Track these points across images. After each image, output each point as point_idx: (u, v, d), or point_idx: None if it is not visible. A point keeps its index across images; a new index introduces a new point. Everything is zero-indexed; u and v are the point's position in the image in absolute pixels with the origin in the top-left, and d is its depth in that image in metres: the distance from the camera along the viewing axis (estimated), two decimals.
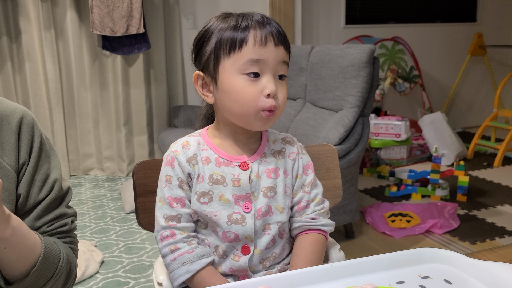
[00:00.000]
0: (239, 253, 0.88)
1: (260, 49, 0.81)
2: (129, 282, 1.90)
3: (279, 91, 0.84)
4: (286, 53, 0.84)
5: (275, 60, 0.82)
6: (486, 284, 0.66)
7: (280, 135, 0.96)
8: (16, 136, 0.79)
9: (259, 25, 0.82)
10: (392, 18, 4.36)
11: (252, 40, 0.81)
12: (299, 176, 0.92)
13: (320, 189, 0.95)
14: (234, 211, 0.87)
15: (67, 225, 0.83)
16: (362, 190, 2.99)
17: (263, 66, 0.82)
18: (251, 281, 0.66)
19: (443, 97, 4.66)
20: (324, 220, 0.92)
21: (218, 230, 0.87)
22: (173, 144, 0.91)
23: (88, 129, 3.38)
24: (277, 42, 0.82)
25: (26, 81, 3.15)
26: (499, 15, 4.75)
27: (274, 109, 0.83)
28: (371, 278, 0.69)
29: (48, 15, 3.08)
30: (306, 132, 2.35)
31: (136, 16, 3.08)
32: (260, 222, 0.88)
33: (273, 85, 0.82)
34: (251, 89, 0.82)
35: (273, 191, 0.89)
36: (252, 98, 0.82)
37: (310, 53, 2.54)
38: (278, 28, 0.83)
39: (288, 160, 0.92)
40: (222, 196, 0.87)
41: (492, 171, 3.34)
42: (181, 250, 0.84)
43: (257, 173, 0.89)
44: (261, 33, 0.81)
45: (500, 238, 2.27)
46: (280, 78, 0.85)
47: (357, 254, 2.13)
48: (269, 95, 0.82)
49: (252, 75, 0.82)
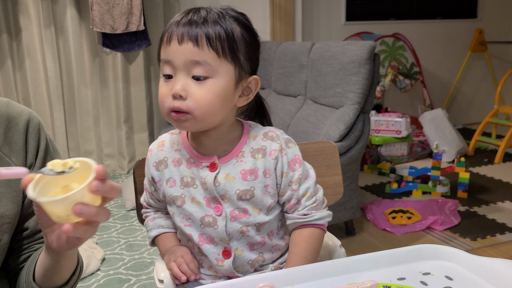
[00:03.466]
0: (221, 257, 0.87)
1: (166, 48, 0.79)
2: (130, 279, 1.90)
3: (191, 93, 0.77)
4: (198, 51, 0.76)
5: (179, 60, 0.77)
6: (487, 280, 0.67)
7: (262, 130, 0.89)
8: (24, 137, 0.80)
9: (177, 23, 0.78)
10: (392, 15, 4.35)
11: (165, 39, 0.80)
12: (284, 174, 0.86)
13: (311, 181, 0.88)
14: (206, 213, 0.85)
15: None
16: (363, 187, 2.99)
17: (174, 66, 0.78)
18: (252, 278, 0.66)
19: (443, 94, 4.65)
20: (317, 214, 0.87)
21: (193, 234, 0.87)
22: (155, 141, 0.94)
23: (88, 127, 3.38)
24: (182, 40, 0.77)
25: (26, 79, 3.15)
26: (500, 11, 4.73)
27: (182, 110, 0.78)
28: (372, 274, 0.69)
29: (48, 12, 3.07)
30: (306, 129, 2.35)
31: (136, 13, 3.07)
32: (235, 224, 0.85)
33: (180, 85, 0.77)
34: (163, 90, 0.80)
35: (248, 193, 0.84)
36: (161, 99, 0.80)
37: (311, 50, 2.54)
38: (198, 28, 0.77)
39: (269, 159, 0.85)
40: (193, 198, 0.86)
41: (493, 168, 3.34)
42: (148, 218, 0.98)
43: (228, 174, 0.84)
44: (171, 31, 0.78)
45: (500, 235, 2.27)
46: (198, 79, 0.78)
47: (357, 250, 2.14)
48: (174, 96, 0.78)
49: (166, 76, 0.80)
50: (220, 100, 0.79)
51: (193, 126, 0.81)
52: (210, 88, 0.78)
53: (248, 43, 0.82)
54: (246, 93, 0.85)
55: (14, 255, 0.79)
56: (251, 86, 0.85)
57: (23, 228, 0.79)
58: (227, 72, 0.79)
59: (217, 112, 0.80)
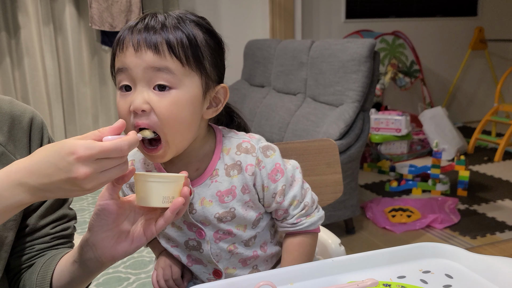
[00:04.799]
0: (212, 277, 0.84)
1: (121, 56, 0.70)
2: (130, 278, 1.90)
3: (155, 106, 0.68)
4: (159, 58, 0.68)
5: (138, 68, 0.68)
6: (486, 278, 0.66)
7: (236, 141, 0.79)
8: (27, 135, 0.80)
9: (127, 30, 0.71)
10: (392, 12, 4.34)
11: (118, 47, 0.71)
12: (266, 188, 0.79)
13: (297, 186, 0.81)
14: (189, 237, 0.81)
15: (69, 229, 0.84)
16: (363, 185, 2.99)
17: (131, 76, 0.69)
18: (252, 277, 0.66)
19: (443, 92, 4.65)
20: (308, 221, 0.82)
21: (180, 255, 0.85)
22: None
23: (87, 125, 3.37)
24: (138, 47, 0.68)
25: (25, 77, 3.14)
26: (500, 9, 4.73)
27: (149, 127, 0.68)
28: (372, 273, 0.68)
29: (46, 10, 3.06)
30: (306, 127, 2.34)
31: (135, 11, 3.07)
32: (221, 244, 0.81)
33: (140, 99, 0.67)
34: (121, 106, 0.70)
35: (229, 215, 0.78)
36: (123, 116, 0.69)
37: (310, 47, 2.53)
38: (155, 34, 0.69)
39: (246, 175, 0.77)
40: (173, 223, 0.82)
41: (493, 166, 3.34)
42: None
43: (204, 198, 0.78)
44: (123, 38, 0.70)
45: (500, 233, 2.27)
46: (162, 89, 0.68)
47: (357, 249, 2.14)
48: (135, 112, 0.68)
49: (124, 88, 0.70)
50: (188, 114, 0.70)
51: (166, 154, 0.71)
52: (175, 100, 0.69)
53: (212, 49, 0.74)
54: (214, 104, 0.77)
55: (16, 255, 0.79)
56: (219, 96, 0.77)
57: (24, 225, 0.78)
58: (193, 82, 0.71)
59: (186, 127, 0.71)
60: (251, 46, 3.15)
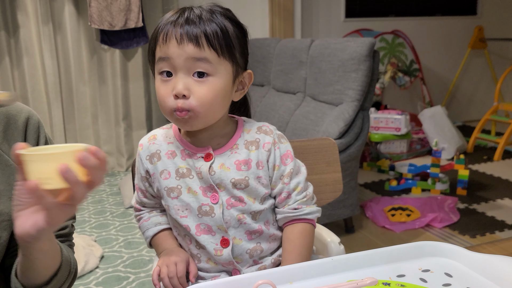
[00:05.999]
0: (219, 247, 0.87)
1: (164, 47, 0.80)
2: (129, 277, 1.90)
3: (194, 91, 0.79)
4: (199, 50, 0.78)
5: (180, 58, 0.78)
6: (486, 277, 0.66)
7: (256, 124, 0.92)
8: (23, 135, 0.79)
9: (169, 23, 0.80)
10: (392, 11, 4.34)
11: (161, 38, 0.80)
12: (276, 167, 0.88)
13: (302, 176, 0.91)
14: (203, 202, 0.86)
15: (67, 228, 0.84)
16: (362, 184, 2.99)
17: (173, 64, 0.79)
18: (251, 275, 0.66)
19: (443, 91, 4.65)
20: (307, 209, 0.89)
21: (190, 225, 0.87)
22: (144, 136, 0.95)
23: (87, 124, 3.37)
24: (181, 40, 0.78)
25: (24, 76, 3.14)
26: (499, 8, 4.72)
27: (185, 109, 0.79)
28: (372, 271, 0.68)
29: (46, 9, 3.06)
30: (306, 126, 2.34)
31: (135, 10, 3.06)
32: (232, 212, 0.86)
33: (182, 84, 0.78)
34: (163, 90, 0.81)
35: (243, 183, 0.86)
36: (163, 99, 0.81)
37: (310, 46, 2.53)
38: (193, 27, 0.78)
39: (262, 151, 0.88)
40: (190, 188, 0.87)
41: (492, 165, 3.34)
42: (143, 219, 0.97)
43: (223, 164, 0.86)
44: (166, 31, 0.79)
45: (500, 232, 2.27)
46: (201, 76, 0.80)
47: (357, 248, 2.14)
48: (176, 96, 0.79)
49: (165, 74, 0.81)
50: (221, 98, 0.82)
51: (196, 124, 0.82)
52: (211, 86, 0.80)
53: (240, 39, 0.84)
54: (241, 87, 0.89)
55: (11, 254, 0.79)
56: (245, 80, 0.88)
57: None
58: (226, 70, 0.82)
59: (218, 109, 0.83)
60: (251, 45, 3.10)
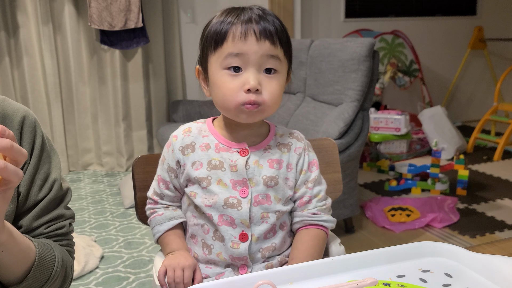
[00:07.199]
0: (237, 240, 0.87)
1: (240, 43, 0.81)
2: (129, 277, 1.90)
3: (264, 86, 0.83)
4: (273, 47, 0.83)
5: (256, 54, 0.81)
6: (486, 277, 0.66)
7: (288, 130, 0.97)
8: (18, 135, 0.79)
9: (244, 21, 0.82)
10: (392, 12, 4.34)
11: (232, 35, 0.82)
12: (303, 172, 0.92)
13: (323, 186, 0.95)
14: (231, 195, 0.87)
15: (64, 228, 0.83)
16: (362, 185, 2.99)
17: (245, 60, 0.82)
18: (252, 275, 0.66)
19: (443, 91, 4.65)
20: (325, 216, 0.93)
21: (213, 214, 0.88)
22: (178, 128, 0.95)
23: (87, 124, 3.37)
24: (260, 37, 0.81)
25: (24, 76, 3.14)
26: (499, 9, 4.73)
27: (257, 103, 0.83)
28: (372, 272, 0.68)
29: (46, 9, 3.06)
30: (306, 126, 2.34)
31: (134, 10, 3.06)
32: (257, 209, 0.88)
33: (255, 80, 0.82)
34: (231, 84, 0.83)
35: (274, 181, 0.89)
36: (231, 93, 0.83)
37: (310, 47, 2.53)
38: (267, 24, 0.82)
39: (293, 154, 0.92)
40: (220, 180, 0.88)
41: (492, 165, 3.34)
42: (156, 213, 0.96)
43: (257, 161, 0.89)
44: (244, 28, 0.82)
45: (499, 232, 2.27)
46: (269, 73, 0.84)
47: (357, 248, 2.14)
48: (249, 90, 0.82)
49: (233, 69, 0.83)
50: (282, 91, 0.88)
51: (260, 117, 0.87)
52: (278, 82, 0.85)
53: (289, 39, 0.88)
54: None
55: None
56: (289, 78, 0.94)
57: (18, 226, 0.78)
58: (286, 67, 0.88)
59: (279, 104, 0.89)
60: None
